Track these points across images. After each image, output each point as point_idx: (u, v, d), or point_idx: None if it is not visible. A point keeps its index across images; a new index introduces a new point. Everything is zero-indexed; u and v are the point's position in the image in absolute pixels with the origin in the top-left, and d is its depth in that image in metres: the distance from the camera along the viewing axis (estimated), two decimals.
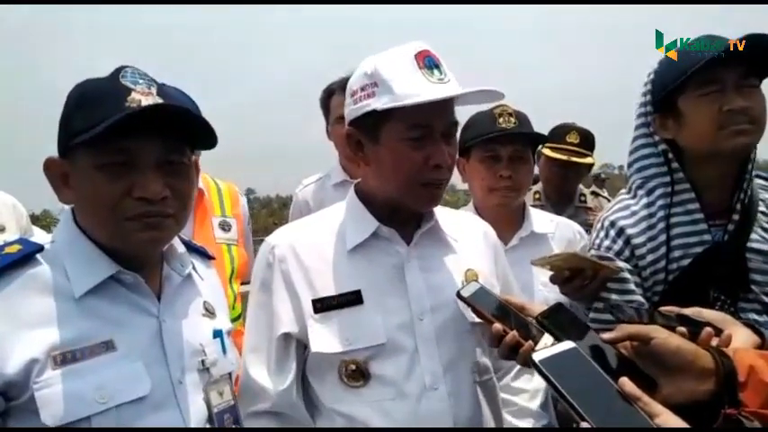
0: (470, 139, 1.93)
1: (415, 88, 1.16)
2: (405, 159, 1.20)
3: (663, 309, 1.15)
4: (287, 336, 1.26)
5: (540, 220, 2.00)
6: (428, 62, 1.19)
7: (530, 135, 1.92)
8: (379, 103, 1.19)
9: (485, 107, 1.92)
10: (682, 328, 1.03)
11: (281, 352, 1.26)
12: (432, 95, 1.14)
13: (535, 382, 1.61)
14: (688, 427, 0.80)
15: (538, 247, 1.90)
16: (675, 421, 0.79)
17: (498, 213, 1.91)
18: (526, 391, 1.58)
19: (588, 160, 3.02)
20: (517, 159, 1.88)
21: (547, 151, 2.98)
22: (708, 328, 1.04)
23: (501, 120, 1.87)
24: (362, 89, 1.23)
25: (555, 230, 1.99)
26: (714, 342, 1.04)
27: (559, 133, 2.97)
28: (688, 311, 1.12)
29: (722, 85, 1.30)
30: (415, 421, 1.19)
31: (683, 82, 1.33)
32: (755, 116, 1.30)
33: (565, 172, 2.98)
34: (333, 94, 2.51)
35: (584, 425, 0.78)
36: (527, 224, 1.96)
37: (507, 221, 1.93)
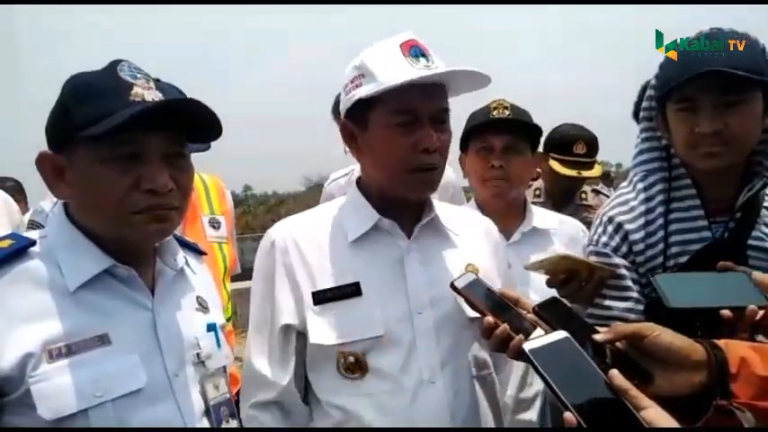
0: (466, 131, 1.95)
1: (397, 74, 1.16)
2: (392, 145, 1.20)
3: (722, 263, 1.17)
4: (288, 327, 1.26)
5: (543, 216, 1.99)
6: (414, 51, 1.21)
7: (520, 122, 1.90)
8: (365, 91, 1.20)
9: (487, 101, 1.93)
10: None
11: (282, 343, 1.27)
12: (410, 76, 1.15)
13: (531, 392, 1.61)
14: (676, 426, 0.79)
15: (540, 243, 1.89)
16: (661, 415, 0.78)
17: (497, 207, 1.90)
18: (524, 401, 1.60)
19: (596, 171, 2.96)
20: (510, 150, 1.87)
21: (555, 165, 2.88)
22: (752, 306, 1.05)
23: (495, 112, 1.88)
24: (352, 81, 1.25)
25: (558, 226, 1.97)
26: (759, 315, 1.06)
27: (565, 143, 2.87)
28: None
29: (696, 104, 1.27)
30: (412, 415, 1.19)
31: (666, 92, 1.31)
32: (728, 138, 1.25)
33: (573, 182, 2.94)
34: None
35: (567, 415, 0.78)
36: (528, 219, 1.94)
37: (508, 216, 1.91)
